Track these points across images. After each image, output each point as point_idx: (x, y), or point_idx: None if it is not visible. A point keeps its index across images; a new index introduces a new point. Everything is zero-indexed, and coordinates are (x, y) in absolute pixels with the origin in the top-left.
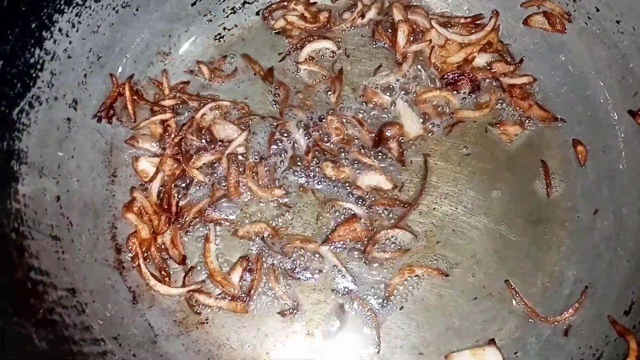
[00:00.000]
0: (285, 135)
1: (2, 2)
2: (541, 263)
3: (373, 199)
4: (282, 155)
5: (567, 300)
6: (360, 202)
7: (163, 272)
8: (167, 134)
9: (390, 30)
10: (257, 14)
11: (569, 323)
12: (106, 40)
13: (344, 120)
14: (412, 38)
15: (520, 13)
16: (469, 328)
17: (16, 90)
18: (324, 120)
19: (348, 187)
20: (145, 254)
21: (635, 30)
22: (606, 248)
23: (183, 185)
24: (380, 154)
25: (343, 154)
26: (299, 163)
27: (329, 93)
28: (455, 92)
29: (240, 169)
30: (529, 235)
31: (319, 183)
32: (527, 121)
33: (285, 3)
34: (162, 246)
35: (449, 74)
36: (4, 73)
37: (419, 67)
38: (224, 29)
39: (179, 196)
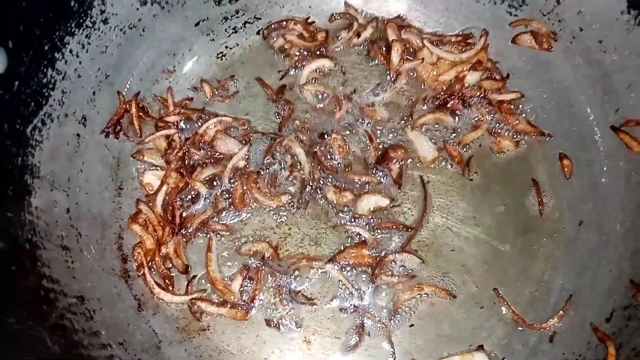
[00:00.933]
0: (286, 148)
1: (18, 26)
2: (529, 272)
3: (378, 221)
4: (282, 164)
5: (554, 308)
6: (367, 226)
7: (167, 281)
8: (171, 148)
9: (385, 49)
10: (258, 33)
11: (554, 330)
12: (114, 59)
13: (348, 136)
14: (405, 56)
15: (509, 32)
16: (459, 335)
17: (30, 108)
18: (327, 137)
19: (350, 211)
20: (150, 264)
21: (617, 49)
22: (590, 258)
23: (189, 198)
24: (376, 172)
25: (341, 176)
26: (301, 179)
27: (335, 113)
28: (453, 114)
29: (246, 182)
30: (518, 245)
31: (321, 199)
32: (521, 140)
33: (285, 23)
34: (166, 256)
35: (440, 95)
36: (19, 93)
37: (412, 87)
38: (226, 47)
39: (183, 208)
